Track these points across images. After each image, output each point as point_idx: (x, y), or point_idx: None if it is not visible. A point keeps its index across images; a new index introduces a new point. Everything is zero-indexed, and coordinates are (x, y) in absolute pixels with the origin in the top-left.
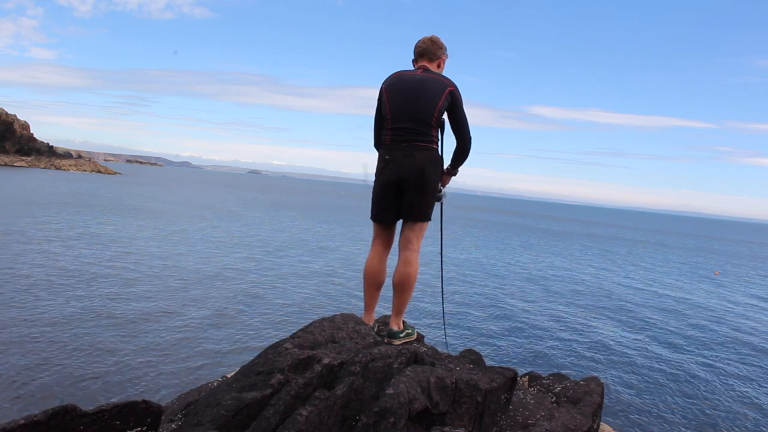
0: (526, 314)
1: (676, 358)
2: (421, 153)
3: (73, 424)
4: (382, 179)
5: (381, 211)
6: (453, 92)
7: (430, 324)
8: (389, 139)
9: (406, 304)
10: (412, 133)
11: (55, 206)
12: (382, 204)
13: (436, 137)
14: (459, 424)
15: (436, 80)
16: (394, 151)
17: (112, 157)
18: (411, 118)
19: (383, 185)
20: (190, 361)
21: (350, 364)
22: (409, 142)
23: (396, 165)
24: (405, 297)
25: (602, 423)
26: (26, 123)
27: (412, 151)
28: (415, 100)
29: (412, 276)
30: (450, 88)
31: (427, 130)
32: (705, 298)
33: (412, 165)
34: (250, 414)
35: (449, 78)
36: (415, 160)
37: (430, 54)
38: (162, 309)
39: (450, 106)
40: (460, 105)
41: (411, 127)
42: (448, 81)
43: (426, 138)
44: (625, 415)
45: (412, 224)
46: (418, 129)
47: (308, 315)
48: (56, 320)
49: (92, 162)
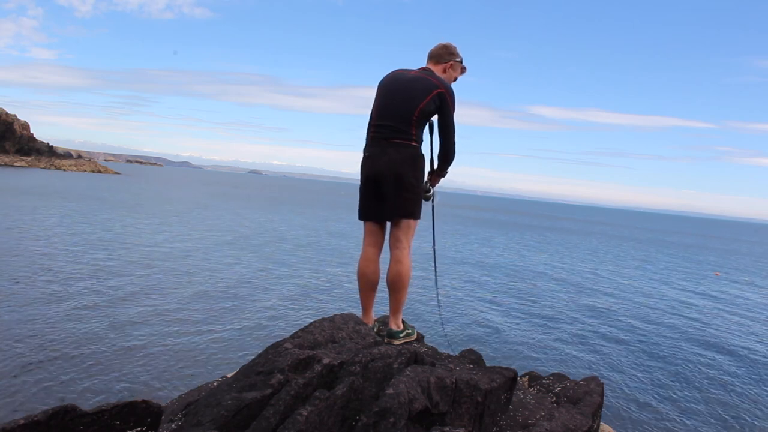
0: (526, 314)
1: (676, 359)
2: (397, 150)
3: (73, 424)
4: (362, 176)
5: (365, 208)
6: (443, 95)
7: (430, 324)
8: (371, 136)
9: (403, 303)
10: (391, 130)
11: (52, 202)
12: (364, 201)
13: (417, 136)
14: (459, 424)
15: (427, 80)
16: (373, 147)
17: (112, 157)
18: (392, 116)
19: (364, 182)
20: (190, 361)
21: (350, 364)
22: (388, 140)
23: (373, 161)
24: (400, 296)
25: (602, 423)
26: (26, 123)
27: (388, 149)
28: (399, 98)
29: (404, 274)
30: (439, 90)
31: (406, 128)
32: (705, 298)
33: (387, 162)
34: (250, 414)
35: (444, 81)
36: (390, 157)
37: (437, 57)
38: (162, 308)
39: (439, 108)
40: (449, 110)
41: (391, 125)
42: (440, 83)
43: (404, 136)
44: (625, 415)
45: (398, 222)
46: (397, 126)
47: (308, 315)
48: (56, 320)
49: (92, 162)
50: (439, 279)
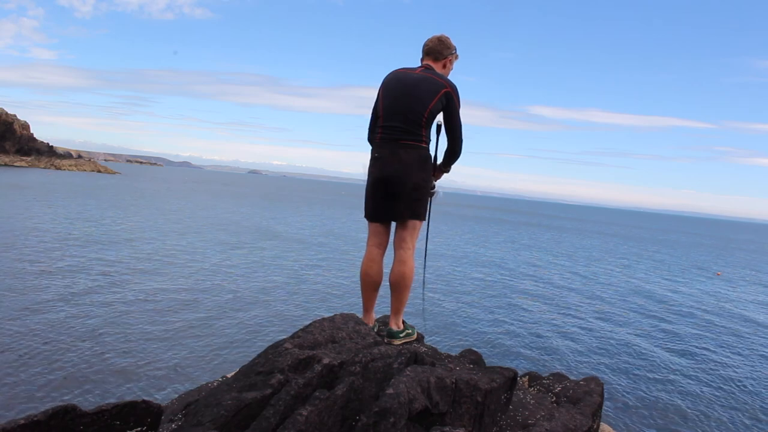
0: (526, 314)
1: (676, 358)
2: (407, 152)
3: (73, 424)
4: (371, 177)
5: (372, 209)
6: (449, 94)
7: (430, 324)
8: (379, 137)
9: (404, 304)
10: (401, 131)
11: (49, 200)
12: (372, 202)
13: (426, 136)
14: (459, 424)
15: (433, 80)
16: (383, 148)
17: (112, 157)
18: (401, 117)
19: (372, 183)
20: (190, 361)
21: (350, 364)
22: (397, 141)
23: (382, 163)
24: (402, 296)
25: (602, 423)
26: (26, 123)
27: (398, 150)
28: (407, 99)
29: (407, 275)
30: (446, 90)
31: (416, 129)
32: (706, 298)
33: (397, 163)
34: (250, 414)
35: (449, 79)
36: (401, 159)
37: (436, 53)
38: (161, 308)
39: (445, 107)
40: (455, 108)
41: (400, 126)
42: (446, 82)
43: (414, 137)
44: (625, 415)
45: (405, 223)
46: (406, 128)
47: (308, 315)
48: (56, 319)
49: (92, 162)
50: (440, 279)
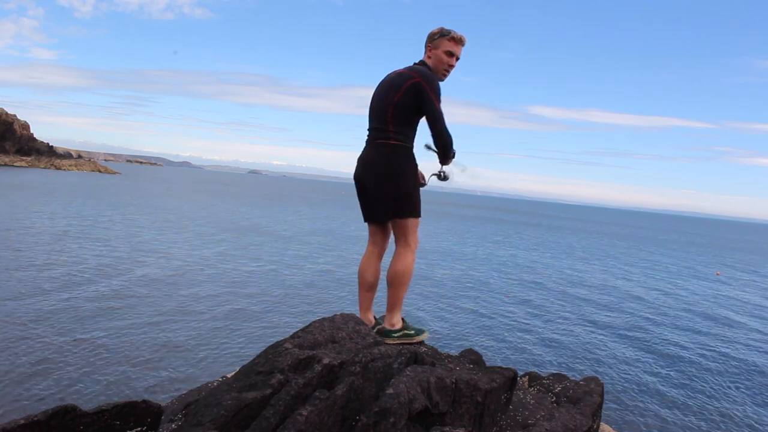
0: (526, 314)
1: (676, 359)
2: (377, 149)
3: (73, 424)
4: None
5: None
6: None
7: (430, 324)
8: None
9: (400, 301)
10: (376, 131)
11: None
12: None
13: (396, 132)
14: (459, 424)
15: (403, 74)
16: (363, 150)
17: (112, 157)
18: (374, 116)
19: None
20: (190, 361)
21: (350, 364)
22: (373, 141)
23: (357, 163)
24: (397, 293)
25: (602, 423)
26: (26, 123)
27: (371, 150)
28: (377, 98)
29: (402, 271)
30: (412, 81)
31: (384, 125)
32: (705, 298)
33: (366, 162)
34: (250, 414)
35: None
36: (369, 158)
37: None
38: (161, 308)
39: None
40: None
41: (375, 126)
42: (414, 74)
43: (384, 134)
44: (625, 415)
45: (394, 222)
46: (379, 126)
47: (308, 315)
48: (55, 319)
49: (92, 162)
50: (439, 279)
